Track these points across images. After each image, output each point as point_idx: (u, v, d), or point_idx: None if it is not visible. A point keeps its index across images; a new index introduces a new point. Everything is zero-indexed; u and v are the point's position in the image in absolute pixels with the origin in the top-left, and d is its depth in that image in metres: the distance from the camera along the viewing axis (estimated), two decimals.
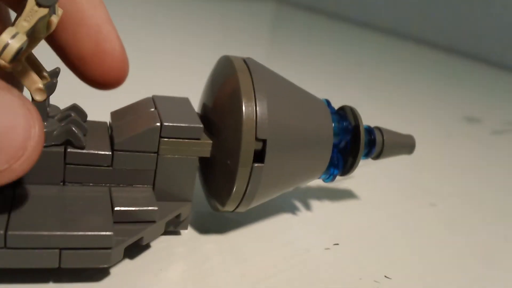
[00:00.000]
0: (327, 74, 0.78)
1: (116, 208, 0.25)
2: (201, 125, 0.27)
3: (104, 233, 0.23)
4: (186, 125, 0.27)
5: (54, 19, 0.24)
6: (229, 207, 0.29)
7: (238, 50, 0.81)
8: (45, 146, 0.25)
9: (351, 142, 0.32)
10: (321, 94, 0.36)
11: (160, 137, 0.27)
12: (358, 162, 0.32)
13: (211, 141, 0.28)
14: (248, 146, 0.26)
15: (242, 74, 0.27)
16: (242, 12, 1.25)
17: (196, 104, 0.32)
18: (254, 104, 0.27)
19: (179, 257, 0.28)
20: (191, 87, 0.40)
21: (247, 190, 0.27)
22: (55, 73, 0.27)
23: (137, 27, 0.83)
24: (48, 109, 0.27)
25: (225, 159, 0.27)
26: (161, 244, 0.28)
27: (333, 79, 0.75)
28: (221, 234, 0.30)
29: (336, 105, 0.33)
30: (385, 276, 0.29)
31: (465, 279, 0.31)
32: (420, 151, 0.39)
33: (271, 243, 0.31)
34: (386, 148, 0.33)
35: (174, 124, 0.27)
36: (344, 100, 0.41)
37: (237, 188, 0.27)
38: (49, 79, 0.26)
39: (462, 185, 0.45)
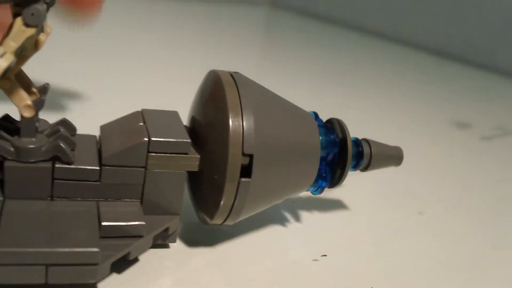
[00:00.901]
0: (319, 77, 0.78)
1: (103, 224, 0.26)
2: (189, 140, 0.28)
3: (90, 249, 0.24)
4: (174, 140, 0.27)
5: (42, 37, 0.24)
6: (217, 221, 0.29)
7: (231, 54, 0.82)
8: (33, 162, 0.26)
9: (339, 155, 0.32)
10: (312, 98, 0.36)
11: (148, 152, 0.27)
12: (346, 175, 0.32)
13: (199, 156, 0.28)
14: (235, 161, 0.27)
15: (229, 89, 0.28)
16: (235, 16, 1.25)
17: (185, 116, 0.32)
18: (240, 119, 0.27)
19: (167, 270, 0.28)
20: (183, 93, 0.40)
21: (235, 204, 0.28)
22: (44, 89, 0.27)
23: (128, 32, 0.83)
24: (37, 124, 0.27)
25: (212, 173, 0.28)
26: (149, 258, 0.29)
27: (325, 82, 0.76)
28: (210, 247, 0.31)
29: (326, 109, 0.34)
30: None
31: (454, 287, 0.31)
32: (409, 158, 0.39)
33: (258, 255, 0.31)
34: (374, 160, 0.33)
35: (162, 139, 0.27)
36: (335, 104, 0.42)
37: (225, 202, 0.27)
38: (38, 95, 0.26)
39: (450, 193, 0.45)
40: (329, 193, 0.39)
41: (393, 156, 0.34)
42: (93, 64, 0.62)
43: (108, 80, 0.56)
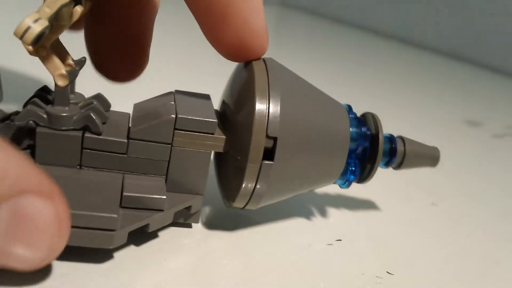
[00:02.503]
0: (329, 77, 0.77)
1: (125, 194, 0.26)
2: (216, 120, 0.28)
3: (108, 215, 0.24)
4: (201, 118, 0.28)
5: (79, 9, 0.25)
6: (239, 204, 0.29)
7: None
8: (64, 130, 0.27)
9: (370, 149, 0.31)
10: None
11: (175, 129, 0.28)
12: (376, 170, 0.31)
13: (224, 137, 0.28)
14: (258, 143, 0.26)
15: (259, 72, 0.28)
16: None
17: (217, 102, 0.32)
18: (267, 102, 0.27)
19: (184, 249, 0.28)
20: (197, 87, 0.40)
21: (256, 187, 0.28)
22: (80, 62, 0.28)
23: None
24: (72, 95, 0.29)
25: (236, 155, 0.28)
26: (169, 235, 0.29)
27: (336, 82, 0.75)
28: (230, 230, 0.31)
29: None
30: (387, 272, 0.29)
31: (465, 278, 0.31)
32: None
33: (274, 238, 0.31)
34: (408, 159, 0.32)
35: (189, 117, 0.28)
36: (345, 102, 0.41)
37: (246, 184, 0.27)
38: (73, 66, 0.27)
39: (463, 186, 0.45)
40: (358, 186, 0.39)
41: (429, 156, 0.33)
42: None
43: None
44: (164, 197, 0.27)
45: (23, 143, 0.27)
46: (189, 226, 0.30)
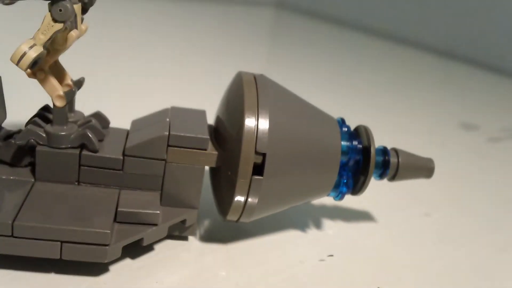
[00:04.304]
0: (325, 78, 0.78)
1: (119, 209, 0.27)
2: (207, 137, 0.29)
3: (102, 230, 0.25)
4: (193, 135, 0.29)
5: (74, 34, 0.27)
6: (232, 217, 0.30)
7: (237, 55, 0.83)
8: (62, 148, 0.28)
9: (363, 162, 0.32)
10: (318, 99, 0.36)
11: (168, 145, 0.29)
12: (369, 182, 0.32)
13: (217, 153, 0.29)
14: (247, 159, 0.27)
15: (248, 90, 0.29)
16: (241, 17, 1.26)
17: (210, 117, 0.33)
18: (256, 118, 0.28)
19: (180, 261, 0.29)
20: (186, 93, 0.40)
21: (247, 201, 0.28)
22: (78, 82, 0.29)
23: (134, 33, 0.85)
24: (71, 114, 0.30)
25: (227, 170, 0.29)
26: (166, 247, 0.30)
27: (331, 83, 0.75)
28: (226, 243, 0.31)
29: (333, 110, 0.34)
30: None
31: None
32: None
33: (269, 253, 0.31)
34: (401, 170, 0.33)
35: (181, 134, 0.28)
36: (341, 105, 0.42)
37: (237, 198, 0.28)
38: (72, 87, 0.29)
39: (457, 194, 0.45)
40: (352, 197, 0.39)
41: (423, 168, 0.34)
42: (105, 65, 0.66)
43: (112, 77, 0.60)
44: (158, 211, 0.28)
45: (24, 160, 0.29)
46: (186, 238, 0.31)
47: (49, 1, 0.25)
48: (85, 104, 0.33)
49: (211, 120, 0.33)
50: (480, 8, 1.06)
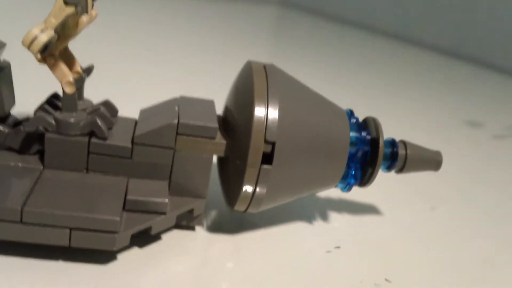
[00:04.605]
0: (328, 76, 0.78)
1: (128, 197, 0.27)
2: (216, 125, 0.29)
3: (111, 217, 0.25)
4: (202, 124, 0.29)
5: (84, 19, 0.26)
6: (240, 207, 0.30)
7: (240, 53, 0.83)
8: (71, 135, 0.28)
9: (371, 154, 0.32)
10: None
11: (177, 133, 0.28)
12: (377, 174, 0.31)
13: (225, 142, 0.29)
14: (256, 148, 0.27)
15: (258, 79, 0.28)
16: (245, 15, 1.25)
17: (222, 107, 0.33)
18: (265, 107, 0.28)
19: (187, 251, 0.29)
20: (188, 90, 0.40)
21: (256, 191, 0.28)
22: (88, 69, 0.29)
23: (136, 30, 0.85)
24: (80, 102, 0.30)
25: (236, 159, 0.28)
26: (173, 237, 0.30)
27: (335, 82, 0.75)
28: (233, 234, 0.31)
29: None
30: (386, 279, 0.29)
31: (464, 283, 0.31)
32: None
33: (276, 245, 0.31)
34: (409, 163, 0.33)
35: (191, 123, 0.28)
36: (345, 103, 0.41)
37: (246, 188, 0.28)
38: (81, 74, 0.28)
39: (463, 189, 0.45)
40: (359, 190, 0.39)
41: (431, 160, 0.34)
42: (109, 63, 0.66)
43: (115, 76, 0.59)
44: (166, 200, 0.28)
45: (32, 148, 0.29)
46: (193, 228, 0.31)
47: None
48: (93, 93, 0.32)
49: (218, 112, 0.32)
50: (484, 8, 1.06)
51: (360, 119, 0.34)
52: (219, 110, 0.33)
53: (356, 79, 0.80)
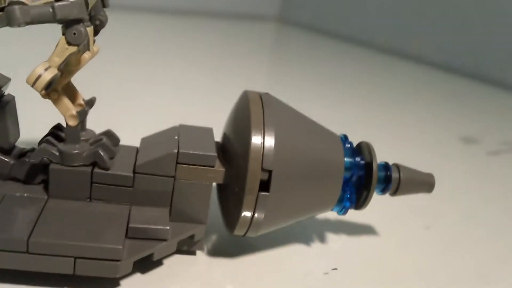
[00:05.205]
0: (326, 92, 0.79)
1: (130, 225, 0.28)
2: (215, 154, 0.30)
3: (114, 246, 0.26)
4: (201, 153, 0.30)
5: (87, 56, 0.28)
6: (239, 232, 0.30)
7: (238, 69, 0.84)
8: (75, 166, 0.29)
9: (365, 177, 0.33)
10: (319, 113, 0.37)
11: (177, 162, 0.29)
12: (371, 197, 0.32)
13: (224, 169, 0.30)
14: (254, 176, 0.28)
15: (255, 108, 0.30)
16: (243, 31, 1.27)
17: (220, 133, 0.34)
18: (262, 136, 0.29)
19: (188, 275, 0.30)
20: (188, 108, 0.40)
21: (254, 216, 0.29)
22: (90, 101, 0.30)
23: (136, 48, 0.87)
24: (83, 132, 0.31)
25: (235, 186, 0.29)
26: (174, 262, 0.31)
27: (332, 97, 0.76)
28: (233, 257, 0.32)
29: (334, 125, 0.35)
30: None
31: None
32: None
33: (274, 267, 0.32)
34: (403, 185, 0.34)
35: (190, 152, 0.29)
36: (342, 120, 0.42)
37: (244, 214, 0.29)
38: (83, 106, 0.30)
39: (458, 206, 0.45)
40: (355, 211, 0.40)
41: (424, 183, 0.34)
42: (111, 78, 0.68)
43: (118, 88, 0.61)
44: (168, 227, 0.29)
45: (37, 178, 0.30)
46: (194, 253, 0.32)
47: (63, 25, 0.26)
48: (95, 122, 0.33)
49: (217, 136, 0.33)
50: (480, 23, 1.08)
51: (355, 138, 0.34)
52: (218, 134, 0.34)
53: (353, 95, 0.81)
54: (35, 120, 0.40)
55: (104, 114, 0.36)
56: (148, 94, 0.63)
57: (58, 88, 0.28)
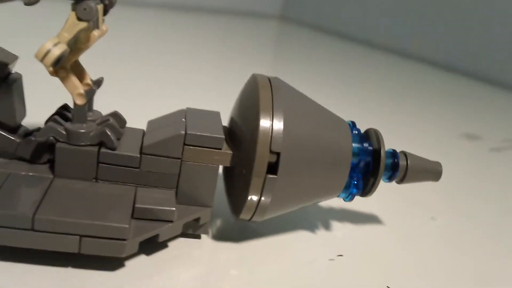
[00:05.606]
0: (328, 90, 0.79)
1: (137, 205, 0.28)
2: (223, 136, 0.29)
3: (120, 225, 0.26)
4: (209, 135, 0.29)
5: (96, 33, 0.27)
6: (245, 216, 0.30)
7: (240, 67, 0.84)
8: (81, 145, 0.28)
9: (372, 164, 0.32)
10: None
11: (184, 144, 0.29)
12: (378, 184, 0.32)
13: (231, 152, 0.30)
14: (262, 158, 0.28)
15: (264, 91, 0.29)
16: (245, 29, 1.27)
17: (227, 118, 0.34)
18: (271, 118, 0.28)
19: (193, 259, 0.30)
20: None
21: (261, 200, 0.29)
22: (98, 81, 0.30)
23: (138, 45, 0.86)
24: (90, 113, 0.31)
25: (242, 169, 0.29)
26: (179, 245, 0.30)
27: (334, 95, 0.76)
28: (238, 242, 0.32)
29: None
30: (387, 287, 0.30)
31: None
32: None
33: (279, 253, 0.32)
34: (410, 173, 0.33)
35: (198, 133, 0.29)
36: (344, 116, 0.42)
37: (251, 197, 0.29)
38: (91, 86, 0.29)
39: (461, 202, 0.45)
40: (360, 201, 0.40)
41: (431, 171, 0.34)
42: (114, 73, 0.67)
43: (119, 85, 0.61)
44: (174, 209, 0.28)
45: (43, 157, 0.29)
46: (198, 237, 0.32)
47: (74, 1, 0.26)
48: (102, 105, 0.33)
49: (224, 123, 0.33)
50: (480, 23, 1.08)
51: (362, 131, 0.34)
52: (224, 121, 0.34)
53: (355, 93, 0.81)
54: (42, 99, 0.40)
55: (111, 97, 0.36)
56: (149, 94, 0.62)
57: (66, 65, 0.27)
